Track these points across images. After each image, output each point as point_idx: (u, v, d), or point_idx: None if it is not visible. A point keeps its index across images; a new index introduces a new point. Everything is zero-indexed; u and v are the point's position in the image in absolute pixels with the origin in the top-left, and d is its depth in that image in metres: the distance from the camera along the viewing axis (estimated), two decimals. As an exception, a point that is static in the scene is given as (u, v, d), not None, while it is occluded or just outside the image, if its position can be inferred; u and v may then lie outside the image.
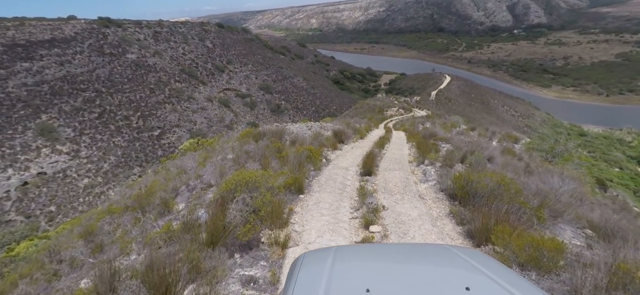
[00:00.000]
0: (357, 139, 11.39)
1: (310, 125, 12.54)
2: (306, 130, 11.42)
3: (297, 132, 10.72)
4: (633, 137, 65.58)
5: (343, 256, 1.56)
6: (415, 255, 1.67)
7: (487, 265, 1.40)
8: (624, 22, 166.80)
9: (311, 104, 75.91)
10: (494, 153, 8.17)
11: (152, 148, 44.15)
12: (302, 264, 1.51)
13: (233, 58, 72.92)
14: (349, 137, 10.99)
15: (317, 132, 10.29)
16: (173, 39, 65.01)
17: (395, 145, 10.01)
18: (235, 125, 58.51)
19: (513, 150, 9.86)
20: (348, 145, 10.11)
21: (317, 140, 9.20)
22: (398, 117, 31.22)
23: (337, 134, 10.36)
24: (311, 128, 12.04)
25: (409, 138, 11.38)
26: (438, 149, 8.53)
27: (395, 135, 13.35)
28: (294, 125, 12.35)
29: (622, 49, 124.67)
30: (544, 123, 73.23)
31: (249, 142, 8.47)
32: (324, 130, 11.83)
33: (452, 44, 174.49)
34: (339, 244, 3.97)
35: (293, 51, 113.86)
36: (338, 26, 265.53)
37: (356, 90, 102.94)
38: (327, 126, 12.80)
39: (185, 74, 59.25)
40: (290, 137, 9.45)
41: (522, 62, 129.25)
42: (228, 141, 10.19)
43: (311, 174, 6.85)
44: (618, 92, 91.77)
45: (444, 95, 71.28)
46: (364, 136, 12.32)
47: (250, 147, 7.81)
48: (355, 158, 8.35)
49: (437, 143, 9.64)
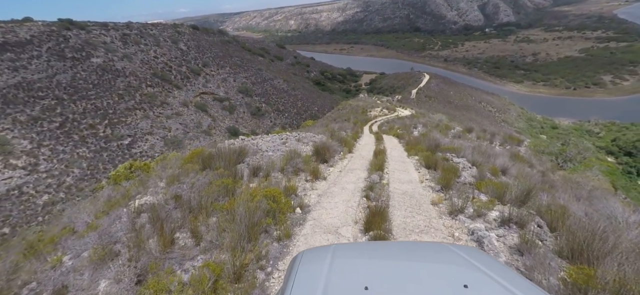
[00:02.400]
0: (344, 154, 8.86)
1: (286, 138, 9.95)
2: (279, 145, 8.92)
3: (266, 149, 8.08)
4: (600, 128, 69.19)
5: (342, 254, 1.56)
6: (413, 253, 1.67)
7: (486, 263, 1.39)
8: (585, 20, 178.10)
9: (292, 105, 74.43)
10: (506, 163, 7.30)
11: (122, 158, 41.04)
12: (300, 261, 1.50)
13: (209, 61, 70.09)
14: (334, 152, 8.45)
15: (292, 150, 7.39)
16: (144, 42, 61.42)
17: (396, 163, 7.77)
18: (214, 130, 56.09)
19: (522, 155, 8.96)
20: (334, 167, 7.36)
21: (292, 163, 6.63)
22: (383, 117, 30.48)
23: (320, 151, 7.66)
24: (286, 141, 9.48)
25: (409, 149, 9.52)
26: (456, 170, 6.35)
27: (388, 143, 11.77)
28: (265, 139, 9.58)
29: (585, 45, 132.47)
30: (519, 117, 75.79)
31: (194, 169, 6.13)
32: (303, 143, 9.37)
33: (429, 43, 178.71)
34: None
35: (272, 53, 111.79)
36: (317, 27, 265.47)
37: (337, 90, 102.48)
38: (306, 137, 10.20)
39: (158, 78, 56.05)
40: (253, 161, 6.93)
41: (495, 59, 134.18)
42: (169, 165, 7.65)
43: (271, 252, 3.83)
44: (584, 85, 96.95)
45: (424, 94, 72.09)
46: (353, 148, 10.00)
47: (183, 189, 5.08)
48: (349, 198, 5.28)
49: (447, 156, 7.89)
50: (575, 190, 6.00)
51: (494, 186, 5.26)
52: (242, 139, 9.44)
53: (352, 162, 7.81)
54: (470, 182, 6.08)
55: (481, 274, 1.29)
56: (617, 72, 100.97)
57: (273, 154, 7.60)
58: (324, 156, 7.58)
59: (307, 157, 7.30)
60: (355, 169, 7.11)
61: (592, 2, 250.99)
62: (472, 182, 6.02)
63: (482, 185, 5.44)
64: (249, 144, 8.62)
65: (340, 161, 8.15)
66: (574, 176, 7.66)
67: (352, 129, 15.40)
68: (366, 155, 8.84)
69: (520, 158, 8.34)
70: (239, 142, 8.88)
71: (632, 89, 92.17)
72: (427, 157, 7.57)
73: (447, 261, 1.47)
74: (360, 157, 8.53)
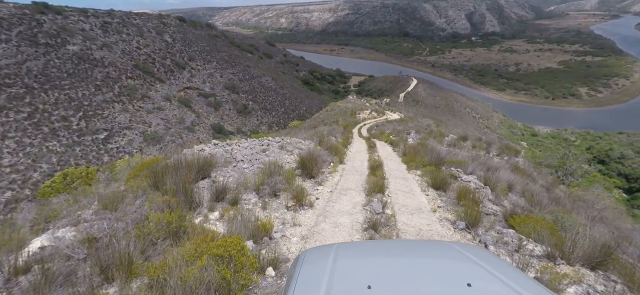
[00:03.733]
0: (335, 165, 7.54)
1: (267, 144, 8.30)
2: (258, 153, 7.37)
3: (241, 158, 6.63)
4: (576, 137, 72.08)
5: (344, 253, 1.55)
6: (416, 252, 1.66)
7: (489, 261, 1.38)
8: (564, 34, 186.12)
9: (280, 104, 73.27)
10: (510, 178, 6.76)
11: (96, 153, 38.84)
12: (303, 261, 1.49)
13: (195, 54, 67.88)
14: (323, 163, 7.14)
15: (272, 162, 5.91)
16: (126, 31, 58.66)
17: (397, 181, 6.55)
18: (198, 127, 54.25)
19: (522, 168, 8.51)
20: (323, 186, 5.89)
21: (270, 181, 5.13)
22: (372, 120, 30.08)
23: (306, 164, 6.17)
24: (267, 148, 7.81)
25: (407, 161, 8.43)
26: (472, 195, 5.17)
27: (382, 151, 10.78)
28: (242, 145, 7.93)
29: (563, 57, 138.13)
30: (502, 124, 77.77)
31: (142, 186, 4.64)
32: (286, 151, 7.86)
33: (417, 48, 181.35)
34: None
35: (261, 50, 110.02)
36: (307, 26, 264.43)
37: (326, 91, 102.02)
38: (291, 144, 8.75)
39: (140, 70, 53.62)
40: (223, 175, 5.50)
41: (480, 67, 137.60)
42: (117, 176, 6.28)
43: None
44: (562, 96, 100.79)
45: (411, 98, 72.72)
46: (344, 157, 8.70)
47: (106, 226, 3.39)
48: None
49: (453, 172, 6.88)
50: (586, 210, 5.57)
51: (538, 227, 3.91)
52: (215, 144, 7.80)
53: (344, 178, 6.55)
54: (495, 213, 4.79)
55: (485, 272, 1.27)
56: (592, 84, 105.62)
57: (249, 167, 6.15)
58: (311, 170, 6.18)
59: (291, 172, 5.89)
60: (350, 188, 5.77)
61: (571, 17, 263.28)
62: (498, 213, 4.76)
63: (520, 223, 4.05)
64: (221, 151, 7.03)
65: (330, 176, 6.73)
66: (580, 193, 7.29)
67: (342, 133, 14.22)
68: (360, 168, 7.64)
69: (521, 171, 7.86)
70: (210, 149, 7.27)
71: (605, 100, 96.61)
72: (432, 174, 6.53)
73: (450, 259, 1.45)
74: (353, 171, 7.32)
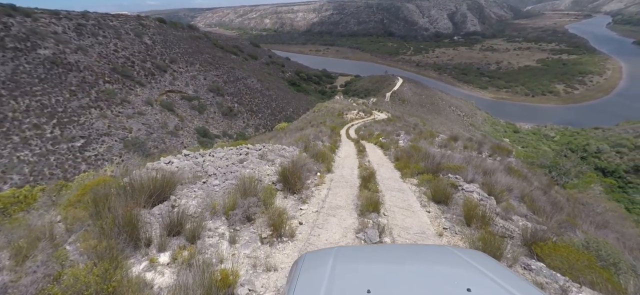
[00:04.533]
0: (322, 176, 6.71)
1: (245, 153, 7.27)
2: (234, 163, 6.36)
3: (214, 171, 5.72)
4: (555, 133, 74.73)
5: (344, 257, 1.54)
6: (416, 256, 1.64)
7: (489, 266, 1.38)
8: (541, 33, 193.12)
9: (266, 106, 72.28)
10: (508, 181, 6.38)
11: (73, 161, 36.97)
12: (303, 264, 1.48)
13: (177, 57, 65.97)
14: (309, 173, 6.42)
15: (248, 177, 5.00)
16: (102, 34, 56.27)
17: (392, 193, 5.82)
18: (181, 131, 52.70)
19: (517, 169, 8.21)
20: (308, 204, 5.03)
21: (244, 204, 4.19)
22: (360, 121, 29.83)
23: (288, 177, 5.33)
24: (246, 158, 6.81)
25: (400, 167, 7.74)
26: (478, 209, 4.54)
27: (373, 155, 10.08)
28: (217, 155, 6.98)
29: (541, 56, 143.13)
30: (485, 122, 79.59)
31: (80, 217, 3.61)
32: (267, 161, 6.94)
33: (402, 47, 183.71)
34: None
35: (246, 51, 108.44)
36: (292, 27, 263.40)
37: (313, 91, 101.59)
38: (273, 151, 7.86)
39: (118, 74, 51.53)
40: (186, 194, 4.61)
41: (463, 65, 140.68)
42: (59, 201, 4.93)
43: None
44: (541, 93, 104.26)
45: (397, 97, 73.27)
46: (332, 165, 7.86)
47: None
48: None
49: (452, 180, 6.22)
50: (589, 215, 5.33)
51: (572, 259, 3.18)
52: (186, 156, 6.84)
53: (333, 192, 5.73)
54: (511, 234, 4.10)
55: (484, 277, 1.26)
56: (568, 81, 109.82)
57: (220, 183, 5.20)
58: (293, 185, 5.31)
59: (270, 189, 5.00)
60: (339, 206, 4.94)
61: (547, 16, 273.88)
62: (515, 234, 4.09)
63: (549, 253, 3.31)
64: (191, 164, 6.14)
65: (316, 189, 5.83)
66: (579, 195, 7.10)
67: (330, 136, 13.52)
68: (350, 177, 6.87)
69: (516, 172, 7.58)
70: (179, 161, 6.26)
71: (581, 97, 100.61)
72: (431, 183, 5.87)
73: (450, 264, 1.44)
74: (343, 182, 6.51)
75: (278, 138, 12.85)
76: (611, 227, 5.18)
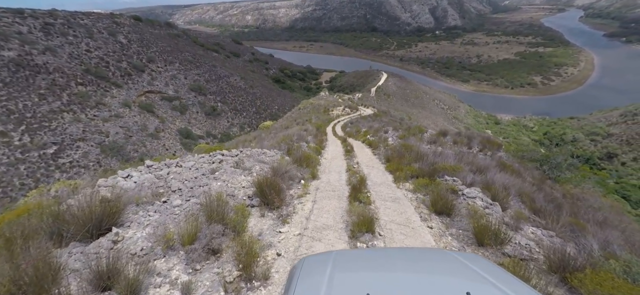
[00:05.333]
0: (306, 184, 5.91)
1: (219, 161, 6.41)
2: (205, 174, 5.49)
3: (179, 186, 4.88)
4: (534, 123, 77.36)
5: (343, 261, 1.55)
6: (415, 260, 1.63)
7: (488, 269, 1.38)
8: (518, 27, 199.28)
9: (251, 104, 70.94)
10: (503, 179, 5.98)
11: (46, 170, 34.85)
12: (302, 268, 1.48)
13: (155, 56, 63.47)
14: (291, 183, 5.70)
15: (217, 196, 4.06)
16: (72, 33, 53.25)
17: (387, 204, 5.13)
18: (163, 133, 50.84)
19: (509, 164, 7.94)
20: (289, 225, 4.25)
21: (208, 233, 3.47)
22: (346, 117, 29.50)
23: (265, 191, 4.60)
24: (218, 169, 5.88)
25: (394, 170, 7.05)
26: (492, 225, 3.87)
27: (361, 155, 9.41)
28: (186, 164, 6.04)
29: (519, 49, 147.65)
30: (468, 114, 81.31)
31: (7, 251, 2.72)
32: (243, 169, 6.01)
33: (385, 42, 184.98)
34: None
35: (228, 48, 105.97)
36: (274, 23, 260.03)
37: (298, 88, 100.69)
38: (252, 157, 7.04)
39: (92, 76, 48.98)
40: (140, 220, 3.84)
41: (445, 59, 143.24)
42: None
43: None
44: (519, 85, 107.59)
45: (383, 92, 73.60)
46: (317, 170, 7.09)
47: None
48: None
49: (452, 184, 5.67)
50: (590, 213, 5.10)
51: None
52: (149, 167, 5.90)
53: (318, 206, 4.93)
54: (530, 254, 3.55)
55: (483, 281, 1.26)
56: (545, 73, 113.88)
57: (183, 203, 4.30)
58: (272, 200, 4.51)
59: (241, 208, 4.13)
60: (326, 226, 4.24)
61: (523, 11, 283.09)
62: (536, 254, 3.55)
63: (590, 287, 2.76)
64: (152, 178, 5.17)
65: (299, 203, 5.04)
66: (575, 191, 6.94)
67: (315, 135, 12.79)
68: (338, 185, 6.14)
69: (509, 168, 7.34)
70: (138, 176, 5.24)
71: (557, 88, 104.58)
72: (428, 189, 5.34)
73: (448, 268, 1.45)
74: (330, 191, 5.74)
75: (260, 139, 12.12)
76: (612, 224, 5.01)
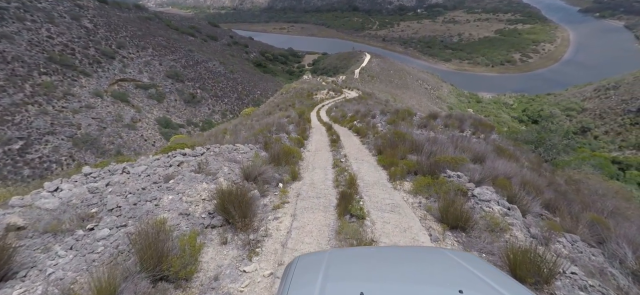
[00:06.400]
0: (284, 191, 5.01)
1: (178, 164, 5.30)
2: (157, 184, 4.51)
3: (114, 206, 3.73)
4: (513, 100, 79.41)
5: (337, 259, 1.55)
6: (409, 258, 1.64)
7: (481, 268, 1.39)
8: (498, 3, 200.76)
9: (232, 90, 68.65)
10: (505, 167, 5.42)
11: (13, 167, 32.58)
12: (296, 267, 1.49)
13: (125, 41, 59.59)
14: (267, 186, 4.85)
15: (157, 223, 3.24)
16: (30, 18, 48.80)
17: (385, 216, 4.15)
18: (140, 123, 48.49)
19: (506, 148, 7.59)
20: (256, 259, 3.16)
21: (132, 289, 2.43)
22: (330, 101, 28.81)
23: (228, 208, 3.58)
24: (175, 175, 4.80)
25: (387, 164, 6.23)
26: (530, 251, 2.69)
27: (349, 145, 8.51)
28: (135, 171, 4.98)
29: (499, 26, 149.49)
30: (451, 94, 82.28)
31: None
32: (207, 175, 4.86)
33: (367, 22, 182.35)
34: None
35: (204, 32, 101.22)
36: (253, 4, 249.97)
37: (280, 72, 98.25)
38: (221, 155, 5.99)
39: (56, 64, 45.46)
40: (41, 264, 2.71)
41: (427, 39, 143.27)
42: None
43: None
44: (499, 63, 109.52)
45: (366, 73, 72.92)
46: (298, 168, 6.33)
47: None
48: None
49: (458, 183, 4.85)
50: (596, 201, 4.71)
51: None
52: (86, 176, 4.72)
53: (299, 223, 3.93)
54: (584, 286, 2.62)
55: (476, 279, 1.28)
56: (523, 50, 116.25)
57: (111, 235, 3.20)
58: (238, 221, 3.54)
59: (191, 239, 3.11)
60: None
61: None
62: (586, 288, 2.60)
63: None
64: (83, 194, 4.01)
65: (274, 220, 4.02)
66: (576, 174, 6.67)
67: (298, 123, 11.75)
68: (323, 189, 5.17)
69: (506, 152, 6.95)
70: (74, 187, 4.20)
71: (535, 65, 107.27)
72: (431, 190, 4.53)
73: (442, 266, 1.46)
74: (313, 198, 4.74)
75: (236, 131, 11.14)
76: (623, 214, 4.70)
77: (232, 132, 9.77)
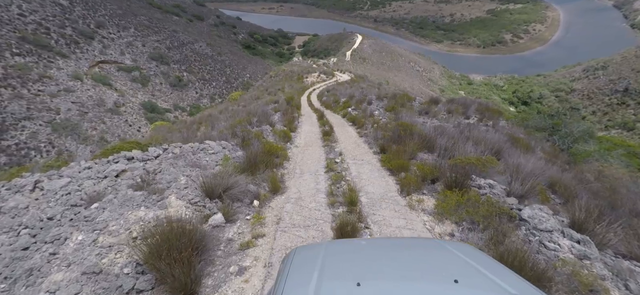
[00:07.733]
0: (258, 215, 3.85)
1: (114, 176, 4.14)
2: (71, 213, 3.28)
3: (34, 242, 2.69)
4: (504, 82, 79.63)
5: (334, 251, 1.57)
6: (405, 249, 1.66)
7: (477, 258, 1.39)
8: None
9: (220, 73, 66.50)
10: (528, 163, 4.42)
11: (-14, 155, 30.90)
12: (293, 259, 1.49)
13: (105, 20, 56.38)
14: (238, 204, 3.90)
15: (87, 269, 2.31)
16: (-2, -6, 45.31)
17: None
18: (124, 108, 46.58)
19: (520, 138, 6.79)
20: None
21: None
22: (321, 84, 27.95)
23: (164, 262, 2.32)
24: (102, 195, 3.60)
25: (396, 168, 5.06)
26: None
27: (345, 140, 7.44)
28: (49, 188, 3.67)
29: (490, 6, 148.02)
30: (442, 76, 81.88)
31: None
32: (148, 194, 3.59)
33: (358, 2, 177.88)
34: None
35: (190, 11, 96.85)
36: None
37: (270, 54, 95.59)
38: (181, 157, 4.99)
39: (30, 45, 42.75)
40: None
41: (419, 19, 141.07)
42: None
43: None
44: (491, 44, 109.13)
45: (358, 55, 71.53)
46: (282, 175, 5.36)
47: None
48: None
49: (495, 200, 3.66)
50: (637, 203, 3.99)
51: None
52: None
53: None
54: None
55: (472, 269, 1.29)
56: (515, 31, 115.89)
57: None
58: (175, 287, 2.33)
59: None
60: None
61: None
62: None
63: None
64: None
65: (238, 274, 2.80)
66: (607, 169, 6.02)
67: (285, 112, 10.47)
68: (314, 207, 4.06)
69: (520, 142, 6.24)
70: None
71: (525, 46, 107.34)
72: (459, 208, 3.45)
73: (438, 256, 1.47)
74: (301, 229, 3.55)
75: (213, 119, 9.92)
76: None
77: (207, 123, 8.64)
